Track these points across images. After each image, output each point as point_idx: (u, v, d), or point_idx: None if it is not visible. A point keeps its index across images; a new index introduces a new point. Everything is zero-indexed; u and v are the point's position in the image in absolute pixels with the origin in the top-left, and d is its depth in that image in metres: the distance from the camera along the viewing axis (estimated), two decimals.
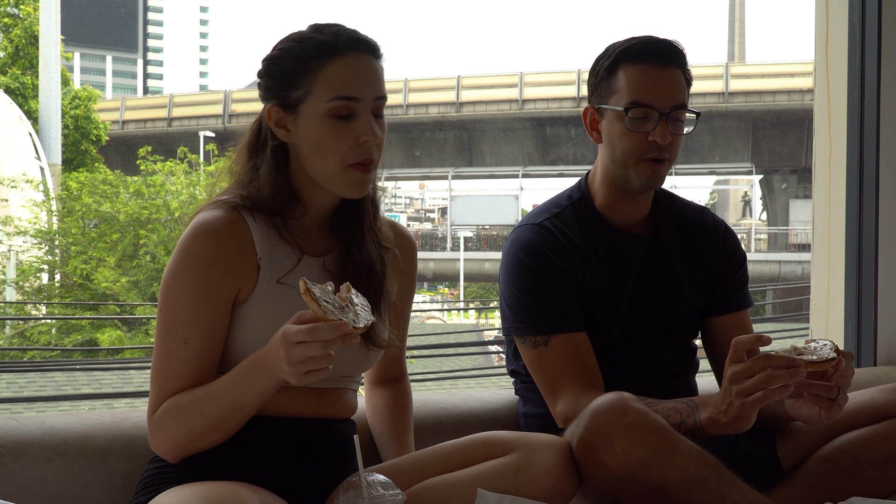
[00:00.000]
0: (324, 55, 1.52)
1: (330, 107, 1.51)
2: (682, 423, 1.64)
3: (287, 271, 1.55)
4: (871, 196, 2.67)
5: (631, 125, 1.81)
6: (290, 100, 1.53)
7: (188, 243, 1.51)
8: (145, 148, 18.69)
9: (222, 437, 1.50)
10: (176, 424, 1.48)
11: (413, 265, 1.76)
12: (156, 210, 16.53)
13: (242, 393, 1.46)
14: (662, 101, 1.80)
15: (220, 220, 1.52)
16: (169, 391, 1.50)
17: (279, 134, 1.56)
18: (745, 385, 1.54)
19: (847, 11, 2.73)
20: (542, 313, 1.84)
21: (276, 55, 1.55)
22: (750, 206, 34.79)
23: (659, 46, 1.83)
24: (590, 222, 1.91)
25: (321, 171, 1.54)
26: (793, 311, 18.94)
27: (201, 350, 1.50)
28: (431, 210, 58.10)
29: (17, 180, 17.90)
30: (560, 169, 28.11)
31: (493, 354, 14.95)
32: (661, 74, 1.81)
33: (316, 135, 1.52)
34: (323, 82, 1.51)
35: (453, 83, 28.34)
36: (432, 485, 1.54)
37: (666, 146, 1.81)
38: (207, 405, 1.47)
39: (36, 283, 17.15)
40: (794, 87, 25.87)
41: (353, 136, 1.52)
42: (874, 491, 1.80)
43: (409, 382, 1.85)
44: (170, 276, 1.51)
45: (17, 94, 24.58)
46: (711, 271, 1.98)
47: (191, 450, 1.50)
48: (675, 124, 1.82)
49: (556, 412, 1.82)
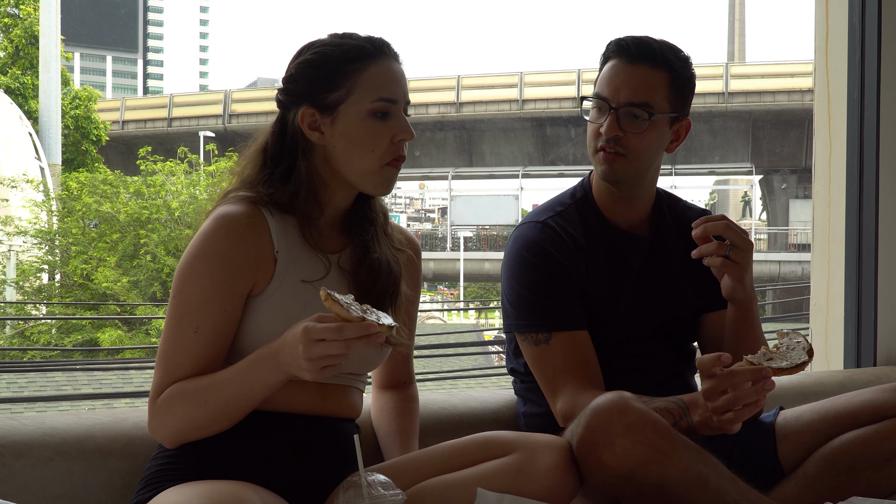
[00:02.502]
0: (365, 58, 1.58)
1: (373, 107, 1.57)
2: (676, 425, 1.65)
3: (301, 267, 1.57)
4: (871, 196, 2.67)
5: (588, 115, 1.87)
6: (328, 101, 1.58)
7: (208, 234, 1.53)
8: (145, 148, 18.71)
9: (223, 428, 1.51)
10: (180, 410, 1.49)
11: (418, 268, 1.79)
12: (156, 210, 16.54)
13: (248, 385, 1.47)
14: (615, 95, 1.82)
15: (241, 214, 1.54)
16: (174, 377, 1.51)
17: (312, 136, 1.59)
18: (718, 403, 1.56)
19: (847, 11, 2.74)
20: (544, 311, 1.84)
21: (313, 59, 1.59)
22: (750, 206, 34.81)
23: (631, 44, 1.84)
24: (592, 221, 1.92)
25: (358, 170, 1.59)
26: (793, 311, 18.94)
27: (210, 340, 1.51)
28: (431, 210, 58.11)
29: (18, 180, 17.91)
30: (560, 169, 28.12)
31: (493, 354, 14.94)
32: (624, 70, 1.83)
33: (356, 134, 1.57)
34: (365, 83, 1.57)
35: (453, 83, 28.35)
36: (432, 485, 1.54)
37: (620, 141, 1.82)
38: (212, 395, 1.48)
39: (36, 283, 17.16)
40: (794, 87, 25.87)
41: (390, 134, 1.58)
42: (874, 491, 1.80)
43: (416, 388, 1.86)
44: (186, 265, 1.53)
45: (17, 94, 24.59)
46: (711, 272, 1.98)
47: (190, 437, 1.51)
48: (630, 121, 1.82)
49: (556, 410, 1.82)
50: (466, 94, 28.10)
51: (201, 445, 1.51)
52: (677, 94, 1.86)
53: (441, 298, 36.53)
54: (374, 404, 1.83)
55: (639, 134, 1.82)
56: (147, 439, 1.64)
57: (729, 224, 1.77)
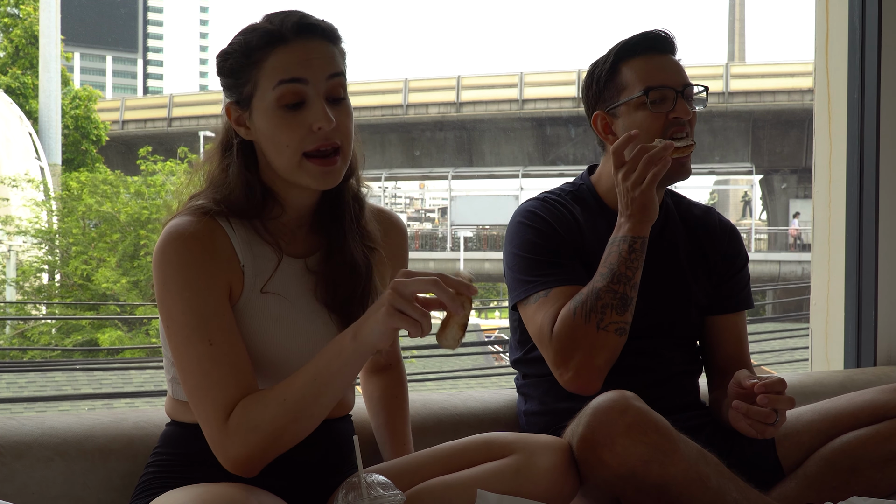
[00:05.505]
0: (267, 45, 1.45)
1: (276, 95, 1.44)
2: (620, 255, 1.76)
3: (268, 277, 1.50)
4: (871, 196, 2.67)
5: (653, 107, 1.85)
6: (242, 96, 1.48)
7: (163, 252, 1.44)
8: (145, 148, 18.70)
9: (305, 429, 1.42)
10: (260, 419, 1.38)
11: (404, 249, 1.71)
12: (156, 210, 16.53)
13: (325, 366, 1.38)
14: (674, 80, 1.86)
15: (192, 224, 1.45)
16: (227, 394, 1.40)
17: (241, 132, 1.50)
18: (635, 175, 1.75)
19: (847, 11, 2.73)
20: (542, 267, 1.85)
21: (225, 50, 1.49)
22: (750, 206, 34.78)
23: (652, 38, 1.88)
24: (591, 205, 1.95)
25: (281, 167, 1.48)
26: (793, 311, 18.94)
27: (231, 342, 1.42)
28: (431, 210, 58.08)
29: (18, 180, 17.91)
30: (560, 169, 28.10)
31: (492, 354, 14.94)
32: (663, 59, 1.88)
33: (267, 128, 1.45)
34: (268, 72, 1.44)
35: (453, 83, 28.33)
36: (432, 485, 1.54)
37: (687, 123, 1.86)
38: (289, 388, 1.38)
39: (36, 283, 17.16)
40: (794, 87, 25.85)
41: (306, 124, 1.44)
42: (874, 491, 1.80)
43: (403, 368, 1.82)
44: (161, 292, 1.44)
45: (17, 94, 24.59)
46: (715, 271, 1.98)
47: (272, 452, 1.41)
48: (690, 102, 1.88)
49: (549, 359, 1.80)
50: (466, 94, 28.07)
51: (198, 450, 1.49)
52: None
53: None
54: (364, 391, 1.81)
55: (696, 113, 1.90)
56: (147, 439, 1.64)
57: (792, 400, 1.71)
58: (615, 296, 1.75)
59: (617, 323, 1.75)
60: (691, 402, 1.97)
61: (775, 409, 1.69)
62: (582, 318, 1.75)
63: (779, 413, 1.70)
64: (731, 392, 1.75)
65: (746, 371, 1.78)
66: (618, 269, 1.76)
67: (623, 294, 1.76)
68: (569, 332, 1.76)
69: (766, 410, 1.68)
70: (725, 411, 1.80)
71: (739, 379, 1.74)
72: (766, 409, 1.68)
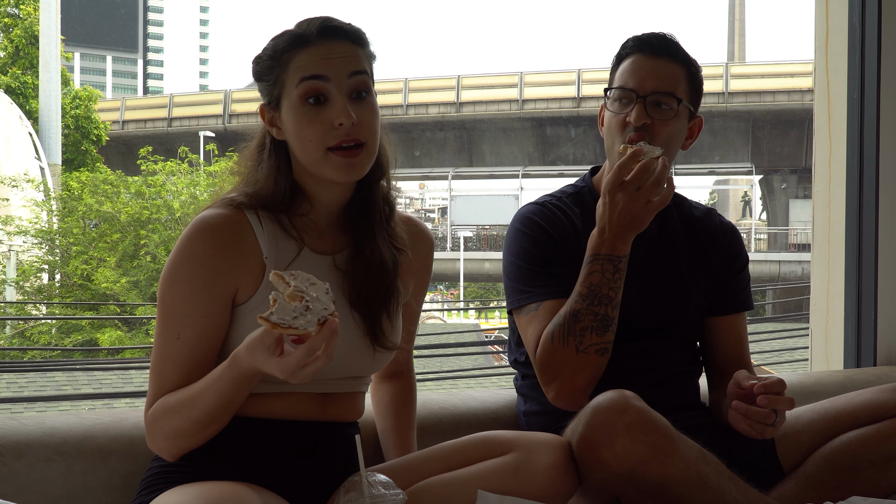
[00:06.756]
0: (293, 47, 1.52)
1: (299, 92, 1.50)
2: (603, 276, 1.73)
3: (288, 264, 1.54)
4: (871, 196, 2.67)
5: (611, 106, 1.86)
6: (273, 97, 1.55)
7: (186, 239, 1.51)
8: (146, 148, 18.70)
9: (215, 432, 1.49)
10: (167, 425, 1.47)
11: (429, 263, 1.75)
12: (156, 210, 16.54)
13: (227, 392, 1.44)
14: (641, 85, 1.83)
15: (220, 218, 1.52)
16: (163, 388, 1.49)
17: (273, 133, 1.57)
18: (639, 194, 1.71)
19: (847, 11, 2.74)
20: (537, 278, 1.85)
21: (258, 55, 1.57)
22: (750, 206, 34.79)
23: (652, 39, 1.87)
24: (592, 208, 1.92)
25: (307, 161, 1.53)
26: (793, 311, 18.94)
27: (193, 346, 1.49)
28: (431, 210, 58.05)
29: (18, 180, 17.91)
30: (560, 169, 28.09)
31: (492, 354, 14.94)
32: (647, 62, 1.85)
33: (293, 125, 1.52)
34: (292, 71, 1.51)
35: (453, 83, 28.33)
36: (432, 484, 1.54)
37: (648, 129, 1.82)
38: (193, 407, 1.45)
39: (36, 283, 17.15)
40: (794, 87, 25.86)
41: (328, 121, 1.50)
42: (874, 491, 1.80)
43: (414, 378, 1.85)
44: (166, 272, 1.51)
45: (17, 94, 24.58)
46: (715, 272, 1.98)
47: (185, 448, 1.49)
48: (656, 109, 1.84)
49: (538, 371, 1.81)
50: (466, 94, 28.08)
51: (202, 449, 1.50)
52: (693, 91, 1.90)
53: (441, 298, 36.51)
54: (373, 396, 1.82)
55: (665, 121, 1.84)
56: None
57: (792, 401, 1.72)
58: (595, 318, 1.74)
59: (598, 344, 1.75)
60: (691, 403, 1.97)
61: (775, 410, 1.69)
62: (560, 341, 1.75)
63: (778, 413, 1.70)
64: (731, 392, 1.75)
65: (746, 371, 1.78)
66: (600, 290, 1.75)
67: (604, 315, 1.75)
68: (548, 357, 1.76)
69: (765, 411, 1.68)
70: (725, 412, 1.80)
71: (739, 379, 1.74)
72: (765, 409, 1.68)
